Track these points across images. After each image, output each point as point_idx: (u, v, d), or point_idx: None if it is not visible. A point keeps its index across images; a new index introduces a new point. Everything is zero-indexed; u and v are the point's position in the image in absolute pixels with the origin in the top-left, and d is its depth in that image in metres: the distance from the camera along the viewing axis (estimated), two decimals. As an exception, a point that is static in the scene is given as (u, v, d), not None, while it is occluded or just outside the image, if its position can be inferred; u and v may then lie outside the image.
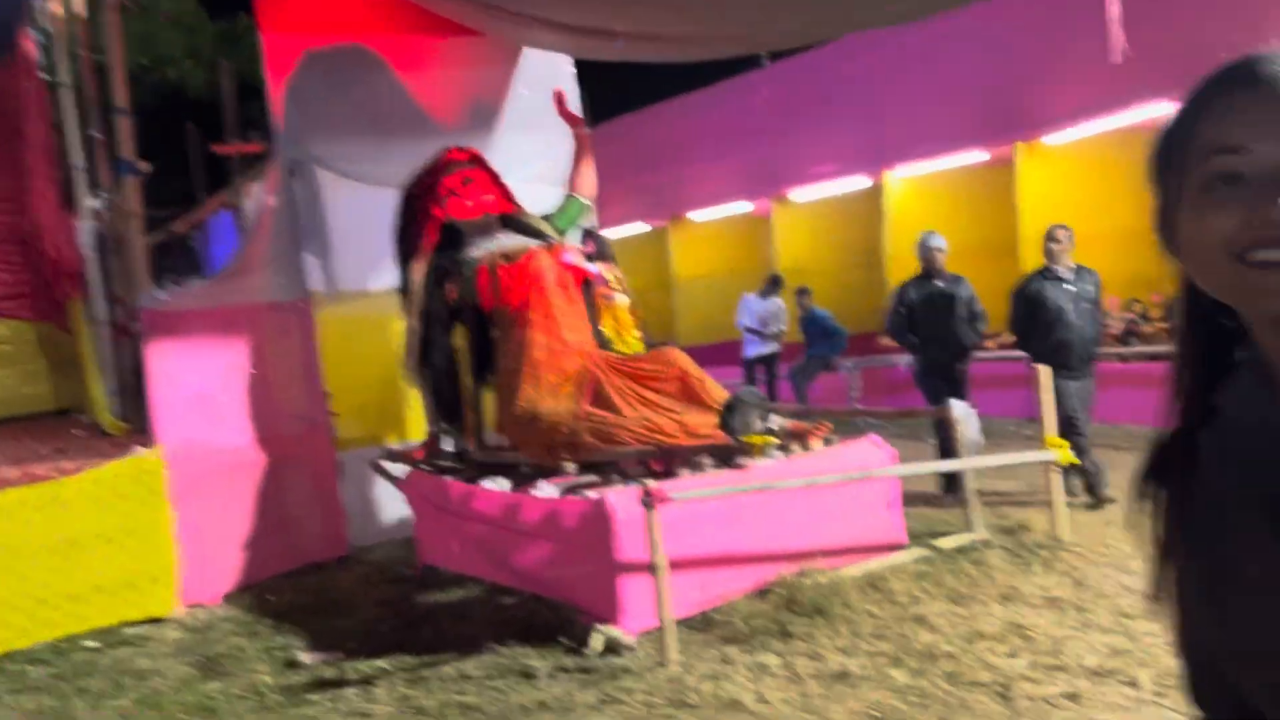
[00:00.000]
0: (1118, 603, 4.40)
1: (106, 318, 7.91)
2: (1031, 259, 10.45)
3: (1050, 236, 6.47)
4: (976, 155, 11.23)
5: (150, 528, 5.67)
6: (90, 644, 5.32)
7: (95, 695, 4.56)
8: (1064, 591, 4.60)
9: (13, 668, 5.05)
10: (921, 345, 7.04)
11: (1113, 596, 4.50)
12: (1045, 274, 6.44)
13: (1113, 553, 5.16)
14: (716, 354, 13.25)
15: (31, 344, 9.61)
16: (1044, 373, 5.59)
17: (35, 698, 4.60)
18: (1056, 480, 5.46)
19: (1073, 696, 3.51)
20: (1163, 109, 9.56)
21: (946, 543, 5.43)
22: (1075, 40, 9.33)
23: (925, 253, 7.07)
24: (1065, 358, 6.15)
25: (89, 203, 7.63)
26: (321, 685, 4.42)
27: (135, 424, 7.40)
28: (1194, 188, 0.82)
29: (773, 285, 12.02)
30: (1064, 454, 5.35)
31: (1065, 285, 6.34)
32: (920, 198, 12.42)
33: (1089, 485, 6.20)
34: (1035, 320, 6.33)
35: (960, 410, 5.63)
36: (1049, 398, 5.55)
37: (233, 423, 6.27)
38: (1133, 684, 3.56)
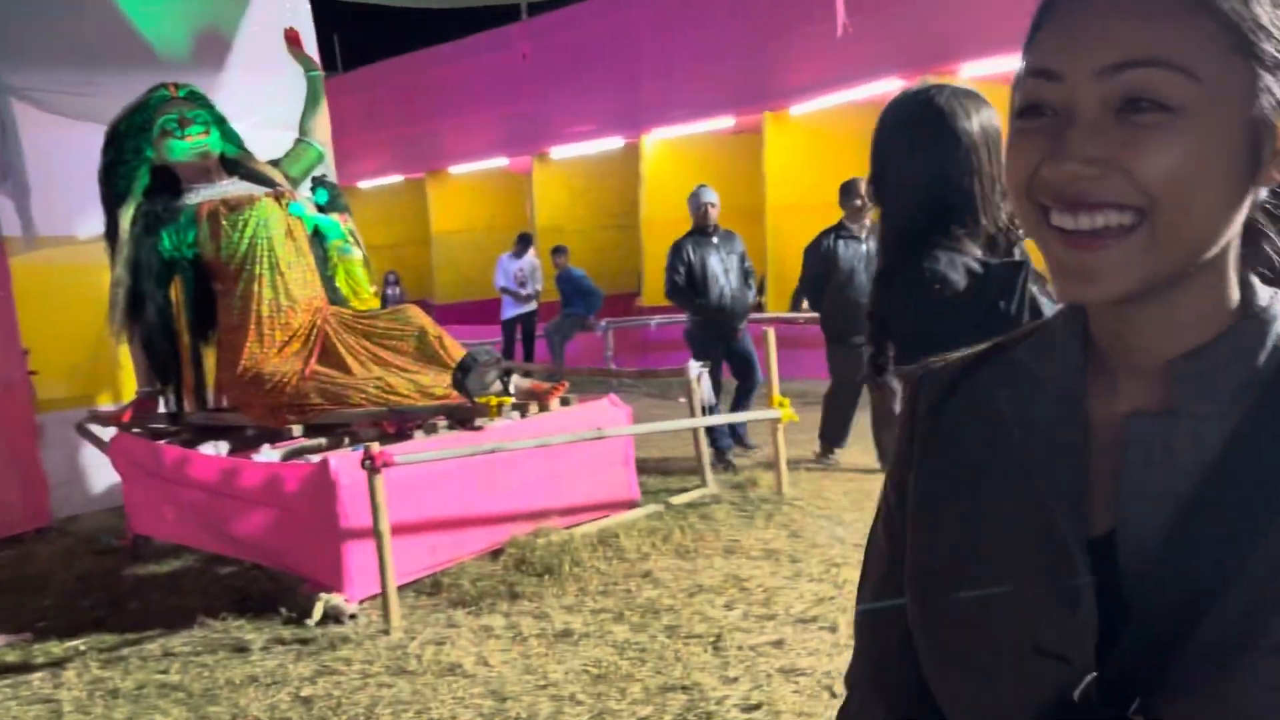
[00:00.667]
0: (829, 553, 4.68)
1: None
2: (778, 225, 10.94)
3: (853, 191, 6.18)
4: (728, 122, 11.56)
5: None
6: None
7: None
8: (781, 544, 4.84)
9: None
10: (700, 304, 6.73)
11: (825, 547, 4.77)
12: (840, 231, 6.28)
13: (830, 505, 5.49)
14: (476, 312, 13.10)
15: None
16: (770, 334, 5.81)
17: None
18: (780, 437, 5.72)
19: (778, 644, 3.69)
20: (890, 85, 10.19)
21: (679, 499, 5.59)
22: (813, 17, 9.75)
23: (698, 207, 6.90)
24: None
25: None
26: (3, 671, 4.01)
27: None
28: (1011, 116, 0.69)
29: (522, 243, 11.96)
30: (787, 413, 5.62)
31: (860, 245, 6.18)
32: (675, 161, 12.66)
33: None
34: (828, 280, 6.19)
35: (694, 370, 5.79)
36: (775, 357, 5.79)
37: (-96, 382, 5.56)
38: (833, 629, 3.79)
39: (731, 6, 11.03)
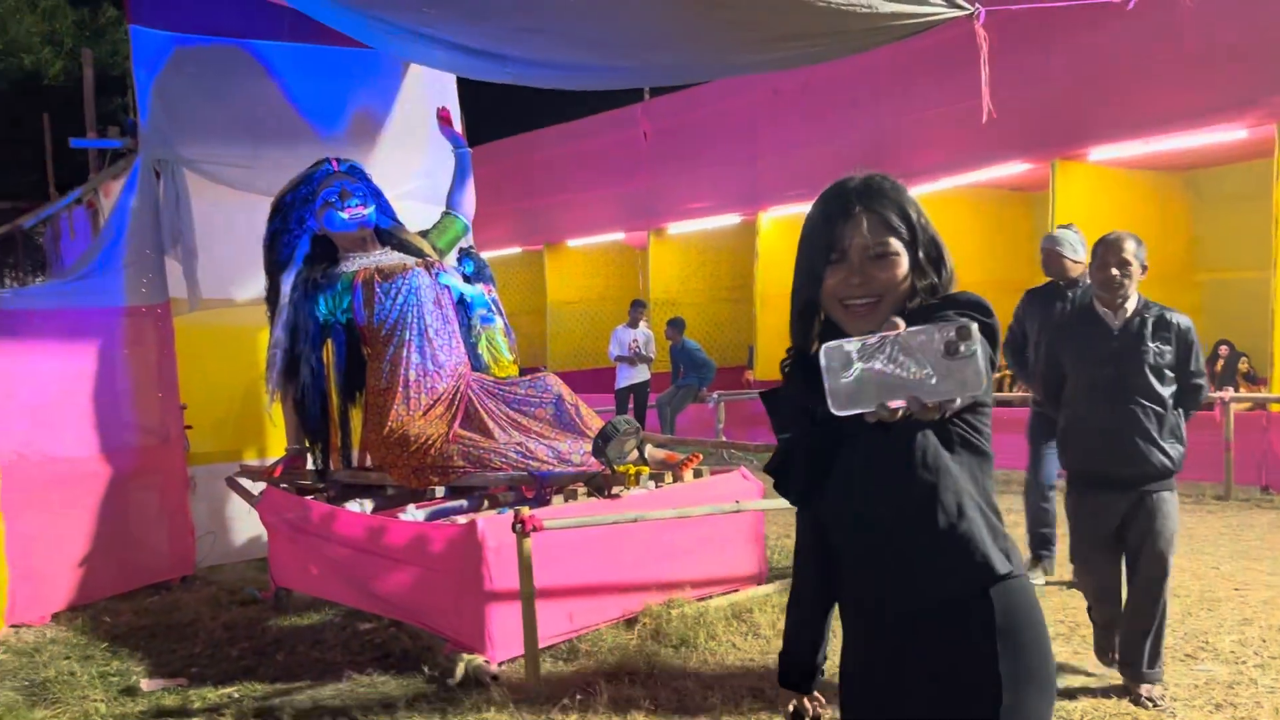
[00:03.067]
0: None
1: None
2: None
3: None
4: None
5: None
6: (-100, 667, 4.90)
7: (-96, 724, 4.20)
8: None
9: None
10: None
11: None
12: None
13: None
14: (588, 380, 13.30)
15: None
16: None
17: None
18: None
19: None
20: (1015, 168, 10.13)
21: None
22: (934, 101, 9.83)
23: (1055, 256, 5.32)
24: None
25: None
26: (162, 715, 4.19)
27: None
28: (818, 262, 1.70)
29: (636, 310, 12.15)
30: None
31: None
32: (791, 236, 12.74)
33: None
34: None
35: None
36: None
37: (76, 432, 5.91)
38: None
39: (851, 91, 11.18)
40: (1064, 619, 4.90)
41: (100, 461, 5.99)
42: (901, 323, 1.27)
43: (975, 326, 1.23)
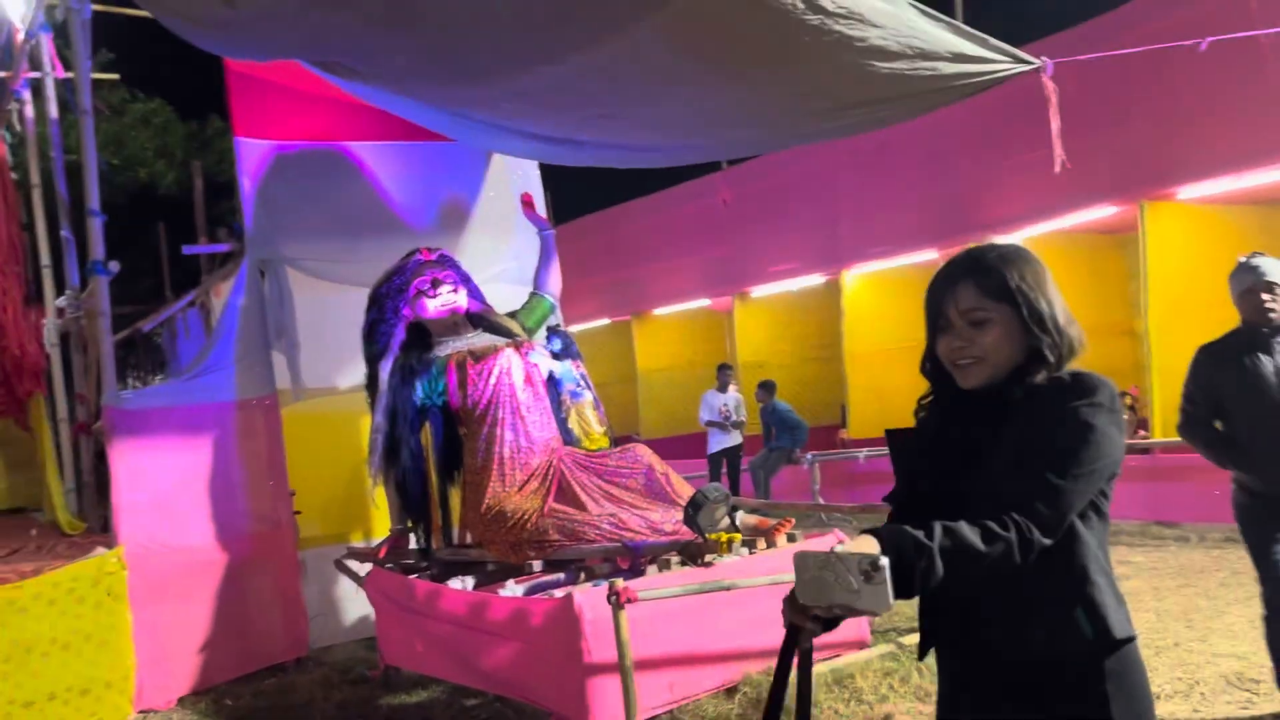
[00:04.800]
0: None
1: (67, 416, 7.85)
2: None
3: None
4: (929, 255, 11.59)
5: (109, 632, 5.58)
6: (41, 753, 5.18)
7: (45, 807, 4.43)
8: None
9: (-42, 780, 4.90)
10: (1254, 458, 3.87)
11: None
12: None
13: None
14: (679, 447, 13.36)
15: (-11, 443, 9.49)
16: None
17: (-18, 811, 4.46)
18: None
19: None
20: (1102, 212, 9.98)
21: (912, 640, 5.46)
22: (1016, 148, 9.78)
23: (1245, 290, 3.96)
24: None
25: (56, 301, 7.64)
26: (282, 793, 4.34)
27: (92, 523, 7.31)
28: (931, 327, 1.94)
29: (724, 374, 12.20)
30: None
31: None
32: (876, 293, 12.74)
33: None
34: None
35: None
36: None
37: (195, 522, 6.22)
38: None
39: (928, 145, 11.20)
40: (1181, 676, 4.74)
41: (218, 549, 6.28)
42: (841, 541, 1.64)
43: (885, 561, 1.52)
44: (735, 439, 12.02)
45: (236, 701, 5.82)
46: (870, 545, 1.58)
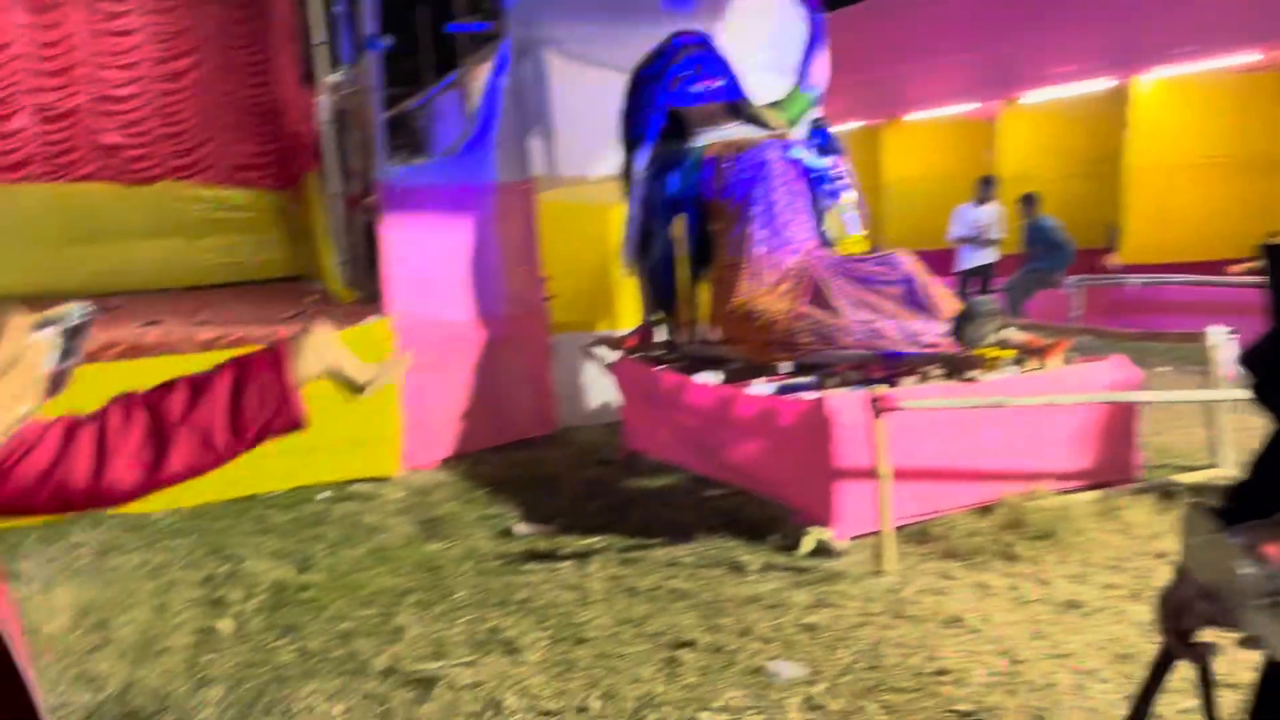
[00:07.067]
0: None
1: (340, 190, 8.27)
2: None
3: None
4: (1250, 56, 10.06)
5: (379, 394, 5.95)
6: (322, 496, 5.71)
7: (330, 543, 4.90)
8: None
9: (256, 511, 5.49)
10: None
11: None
12: None
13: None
14: (927, 262, 12.72)
15: (269, 213, 10.25)
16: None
17: (278, 540, 4.98)
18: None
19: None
20: None
21: (1187, 478, 5.04)
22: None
23: None
24: None
25: (329, 78, 7.92)
26: (536, 556, 4.58)
27: (363, 293, 7.79)
28: None
29: (985, 187, 11.33)
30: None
31: None
32: (1173, 101, 11.30)
33: None
34: None
35: (1216, 336, 5.15)
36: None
37: (456, 299, 6.48)
38: None
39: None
40: None
41: (476, 326, 6.55)
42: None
43: None
44: (988, 256, 11.29)
45: (492, 469, 6.18)
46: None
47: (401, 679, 3.39)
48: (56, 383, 0.85)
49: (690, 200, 5.81)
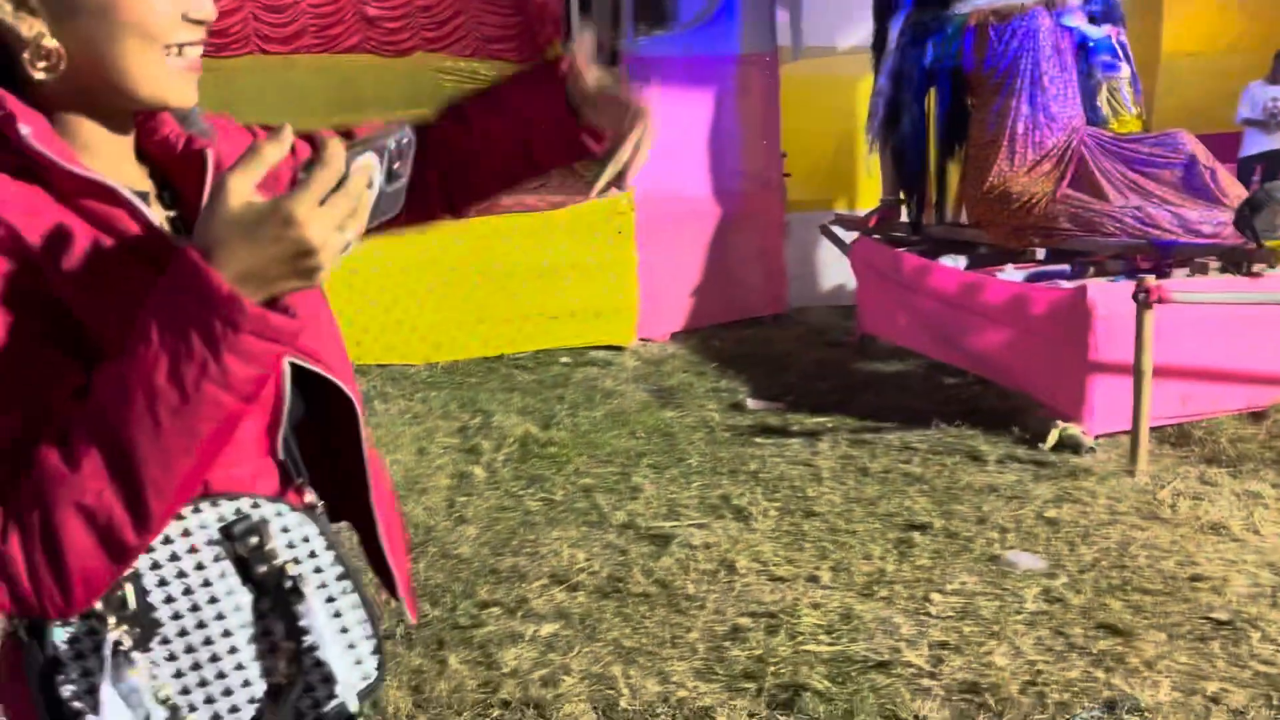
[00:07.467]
0: None
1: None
2: None
3: None
4: None
5: (618, 263, 6.12)
6: (563, 360, 5.98)
7: (571, 404, 5.14)
8: None
9: (503, 370, 5.82)
10: None
11: None
12: None
13: None
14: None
15: (515, 86, 10.50)
16: None
17: (524, 398, 5.28)
18: None
19: None
20: None
21: None
22: None
23: None
24: None
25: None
26: (766, 430, 4.64)
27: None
28: None
29: None
30: None
31: None
32: None
33: None
34: None
35: None
36: None
37: (694, 173, 6.48)
38: None
39: None
40: None
41: (712, 201, 6.54)
42: None
43: None
44: (1278, 142, 10.13)
45: (722, 344, 6.25)
46: None
47: (638, 533, 3.56)
48: (387, 205, 0.82)
49: (947, 72, 5.49)
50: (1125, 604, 2.93)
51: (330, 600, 0.94)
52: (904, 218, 5.89)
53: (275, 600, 0.90)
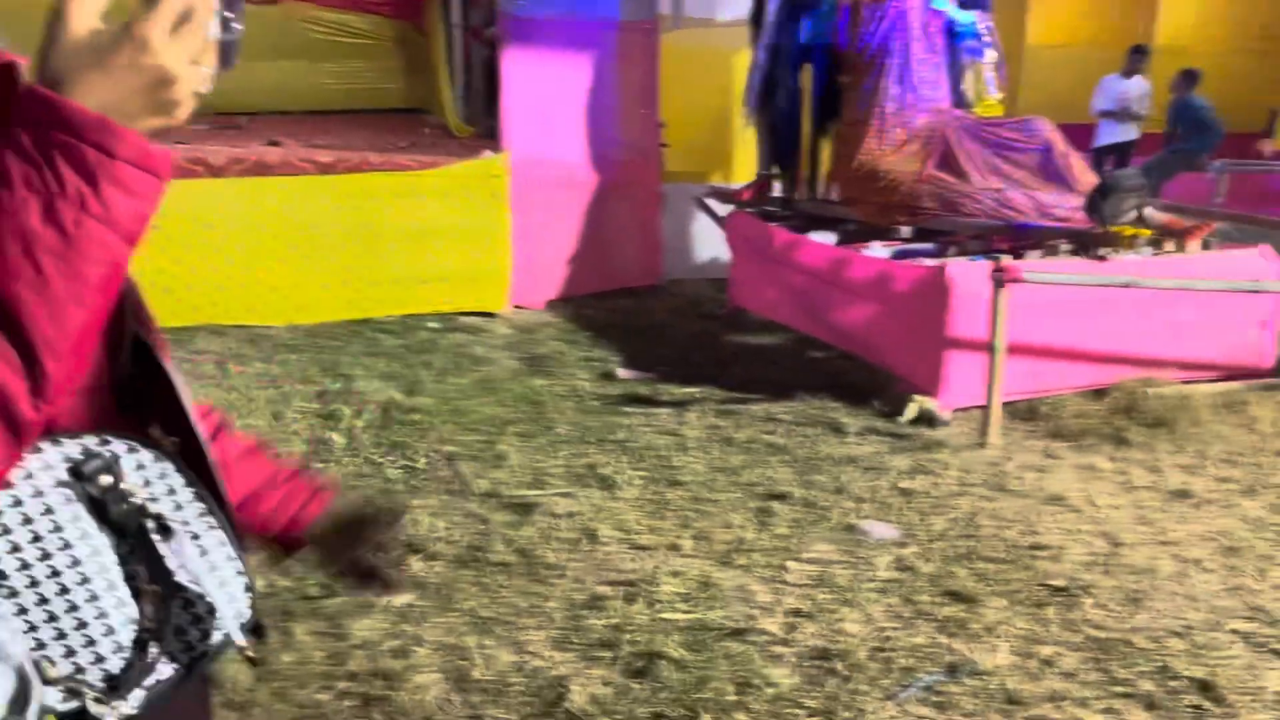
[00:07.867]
0: None
1: (461, 21, 8.14)
2: None
3: None
4: None
5: (491, 227, 6.00)
6: (432, 325, 5.84)
7: (438, 370, 5.03)
8: None
9: (367, 334, 5.65)
10: None
11: None
12: None
13: None
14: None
15: (390, 41, 10.17)
16: None
17: (388, 363, 5.14)
18: None
19: None
20: None
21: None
22: None
23: None
24: None
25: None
26: (636, 400, 4.64)
27: (479, 127, 7.75)
28: None
29: (1137, 57, 10.53)
30: None
31: None
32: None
33: None
34: None
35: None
36: None
37: (571, 139, 6.39)
38: None
39: None
40: None
41: (589, 169, 6.47)
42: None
43: None
44: (1130, 134, 10.62)
45: (595, 313, 6.21)
46: None
47: (501, 502, 3.51)
48: (225, 56, 0.78)
49: (821, 49, 5.56)
50: (970, 572, 3.03)
51: (195, 537, 0.87)
52: (777, 192, 5.94)
53: (137, 542, 0.83)
